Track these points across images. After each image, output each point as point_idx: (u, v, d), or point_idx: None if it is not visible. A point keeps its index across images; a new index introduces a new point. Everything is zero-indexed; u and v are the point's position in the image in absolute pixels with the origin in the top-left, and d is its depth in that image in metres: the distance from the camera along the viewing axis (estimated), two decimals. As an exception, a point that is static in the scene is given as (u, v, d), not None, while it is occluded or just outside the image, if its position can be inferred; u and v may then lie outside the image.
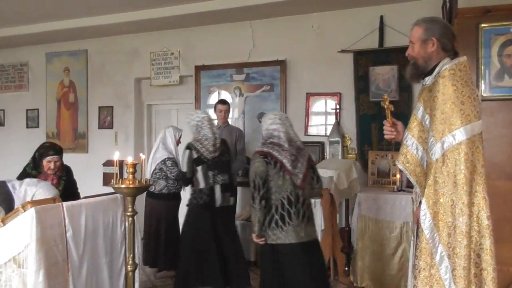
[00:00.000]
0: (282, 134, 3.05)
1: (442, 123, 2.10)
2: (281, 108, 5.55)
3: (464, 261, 2.06)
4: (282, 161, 2.97)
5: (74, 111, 6.89)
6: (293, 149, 3.05)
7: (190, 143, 4.03)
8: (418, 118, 2.28)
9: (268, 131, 3.12)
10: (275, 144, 3.05)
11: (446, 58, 2.26)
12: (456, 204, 2.08)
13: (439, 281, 2.09)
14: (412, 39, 2.33)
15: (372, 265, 4.30)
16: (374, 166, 4.96)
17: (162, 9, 5.51)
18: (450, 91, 2.13)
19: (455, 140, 2.08)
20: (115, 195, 3.27)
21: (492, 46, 3.30)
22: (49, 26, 6.15)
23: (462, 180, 2.07)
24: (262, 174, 2.96)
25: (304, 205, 3.04)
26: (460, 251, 2.06)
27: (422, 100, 2.29)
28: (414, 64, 2.35)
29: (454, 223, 2.08)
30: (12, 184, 2.99)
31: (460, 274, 2.06)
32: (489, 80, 3.34)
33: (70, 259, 2.81)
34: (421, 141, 2.24)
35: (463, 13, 3.41)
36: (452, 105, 2.11)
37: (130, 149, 6.28)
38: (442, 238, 2.09)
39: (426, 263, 2.12)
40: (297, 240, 2.95)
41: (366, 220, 4.34)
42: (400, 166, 2.28)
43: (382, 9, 5.06)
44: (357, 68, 5.19)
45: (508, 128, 3.39)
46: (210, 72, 5.96)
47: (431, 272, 2.11)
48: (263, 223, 2.99)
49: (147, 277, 4.77)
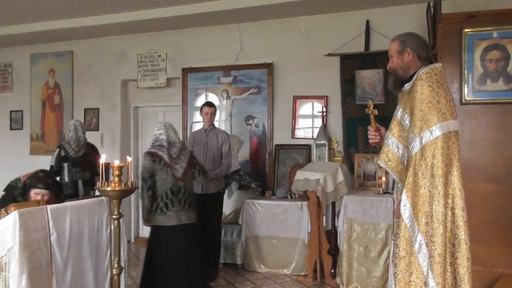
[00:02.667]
0: (165, 138, 3.77)
1: (420, 120, 2.26)
2: (268, 110, 5.57)
3: (440, 248, 2.20)
4: (165, 159, 3.63)
5: (59, 113, 6.81)
6: (175, 149, 3.75)
7: (61, 143, 4.84)
8: (398, 119, 2.42)
9: (155, 136, 3.83)
10: (161, 146, 3.72)
11: (423, 67, 2.42)
12: (433, 194, 2.23)
13: (417, 268, 2.23)
14: (391, 53, 2.52)
15: (358, 267, 4.33)
16: (360, 169, 5.00)
17: (149, 11, 5.49)
18: (427, 91, 2.29)
19: (432, 135, 2.23)
20: (100, 198, 3.24)
21: (475, 50, 3.37)
22: (34, 26, 6.07)
23: (439, 172, 2.21)
24: (149, 169, 3.62)
25: (185, 194, 3.69)
26: (437, 239, 2.21)
27: (402, 102, 2.44)
28: (395, 75, 2.53)
29: (431, 212, 2.23)
30: None
31: (437, 261, 2.20)
32: (472, 84, 3.41)
33: (54, 262, 2.77)
34: (401, 140, 2.38)
35: (447, 18, 3.47)
36: (429, 104, 2.27)
37: (116, 152, 6.23)
38: (420, 227, 2.23)
39: (406, 251, 2.25)
40: (178, 223, 3.60)
41: (352, 223, 4.38)
42: (382, 164, 2.42)
43: (368, 13, 5.11)
44: (343, 71, 5.23)
45: (490, 131, 3.46)
46: (197, 75, 5.95)
47: (411, 260, 2.25)
48: (150, 209, 3.64)
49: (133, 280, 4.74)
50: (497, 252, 3.33)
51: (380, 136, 2.59)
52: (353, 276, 4.35)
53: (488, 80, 3.37)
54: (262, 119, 5.62)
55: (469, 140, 3.48)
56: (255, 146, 5.65)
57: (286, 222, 4.80)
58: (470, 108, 3.41)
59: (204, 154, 4.64)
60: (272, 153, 5.54)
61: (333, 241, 4.66)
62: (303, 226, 4.72)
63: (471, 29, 3.35)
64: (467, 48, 3.37)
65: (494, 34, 3.32)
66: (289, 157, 5.47)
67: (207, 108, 4.81)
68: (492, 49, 3.33)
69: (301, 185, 4.46)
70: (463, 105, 3.45)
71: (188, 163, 3.76)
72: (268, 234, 4.87)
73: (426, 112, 2.25)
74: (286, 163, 5.46)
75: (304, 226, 4.70)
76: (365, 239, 4.32)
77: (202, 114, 4.84)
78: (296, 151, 5.46)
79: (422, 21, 4.41)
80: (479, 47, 3.36)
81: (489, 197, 3.44)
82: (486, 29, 3.34)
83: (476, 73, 3.38)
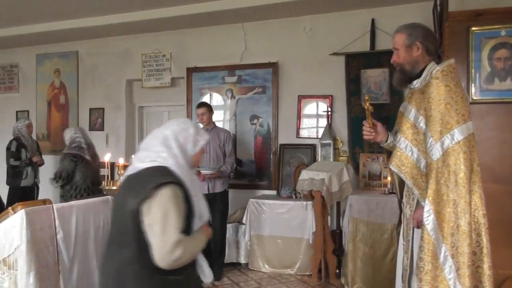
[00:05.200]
0: (83, 140, 4.44)
1: (440, 123, 2.14)
2: (273, 110, 5.56)
3: (467, 260, 2.08)
4: (85, 157, 4.30)
5: (64, 113, 6.83)
6: (92, 150, 4.48)
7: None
8: (411, 121, 2.30)
9: (71, 138, 4.47)
10: (80, 148, 4.38)
11: (432, 62, 2.31)
12: (458, 203, 2.10)
13: (443, 281, 2.10)
14: (396, 46, 2.36)
15: (363, 268, 4.31)
16: (365, 169, 4.98)
17: (154, 11, 5.49)
18: (444, 92, 2.17)
19: (454, 140, 2.12)
20: (106, 197, 3.25)
21: (482, 49, 3.33)
22: (40, 27, 6.09)
23: (463, 179, 2.10)
24: (68, 170, 4.30)
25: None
26: (464, 249, 2.09)
27: (414, 102, 2.32)
28: (401, 70, 2.38)
29: (457, 222, 2.10)
30: None
31: (465, 273, 2.08)
32: (479, 83, 3.37)
33: (60, 261, 2.78)
34: (415, 143, 2.25)
35: (454, 17, 3.44)
36: (447, 105, 2.15)
37: (121, 151, 6.23)
38: (445, 238, 2.11)
39: (432, 264, 2.12)
40: None
41: (357, 223, 4.36)
42: (395, 169, 2.30)
43: (373, 12, 5.09)
44: (348, 71, 5.21)
45: (497, 130, 3.42)
46: (202, 74, 5.95)
47: (436, 273, 2.11)
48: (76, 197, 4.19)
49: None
50: (503, 253, 3.30)
51: (376, 132, 2.49)
52: (358, 277, 4.32)
53: (496, 79, 3.33)
54: (266, 119, 5.61)
55: (476, 140, 3.45)
56: (260, 145, 5.64)
57: (291, 222, 4.78)
58: (477, 107, 3.37)
59: (207, 154, 4.64)
60: (277, 153, 5.53)
61: (338, 241, 4.65)
62: (308, 226, 4.70)
63: (479, 27, 3.31)
64: (474, 47, 3.32)
65: (502, 32, 3.28)
66: (294, 156, 5.45)
67: (197, 109, 4.81)
68: (500, 48, 3.29)
69: (306, 184, 4.45)
70: (470, 105, 3.39)
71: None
72: (273, 234, 4.85)
73: (445, 114, 2.14)
74: (291, 163, 5.44)
75: (309, 226, 4.69)
76: (370, 239, 4.30)
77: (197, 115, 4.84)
78: (301, 150, 5.44)
79: (428, 20, 4.37)
80: (486, 45, 3.31)
81: (495, 198, 3.41)
82: (494, 27, 3.30)
83: (483, 72, 3.34)
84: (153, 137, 1.93)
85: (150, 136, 1.95)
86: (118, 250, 1.80)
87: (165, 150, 1.85)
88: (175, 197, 1.75)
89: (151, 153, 1.86)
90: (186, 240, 1.75)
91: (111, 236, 1.90)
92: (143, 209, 1.72)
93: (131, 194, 1.77)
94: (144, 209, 1.72)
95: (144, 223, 1.73)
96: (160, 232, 1.70)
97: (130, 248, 1.75)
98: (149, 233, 1.72)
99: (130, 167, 1.92)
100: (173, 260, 1.70)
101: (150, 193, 1.71)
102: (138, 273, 1.75)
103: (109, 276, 1.82)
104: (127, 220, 1.75)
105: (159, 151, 1.85)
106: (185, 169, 1.86)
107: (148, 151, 1.89)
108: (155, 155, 1.84)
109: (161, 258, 1.70)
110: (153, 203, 1.72)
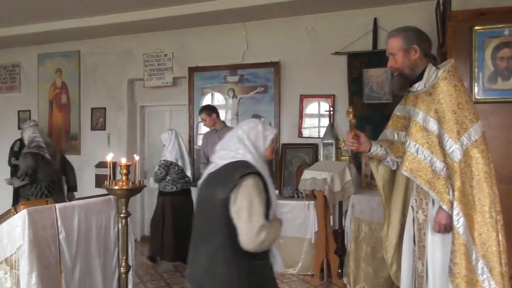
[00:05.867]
0: (42, 140, 4.55)
1: (455, 123, 2.13)
2: (275, 109, 5.55)
3: (497, 258, 2.10)
4: (46, 156, 4.44)
5: (66, 112, 6.83)
6: (51, 149, 4.59)
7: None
8: (420, 123, 2.27)
9: (30, 138, 4.57)
10: (39, 147, 4.47)
11: (429, 63, 2.30)
12: (484, 202, 2.11)
13: (477, 283, 2.10)
14: (392, 50, 2.34)
15: (365, 267, 4.29)
16: (367, 168, 4.96)
17: (155, 10, 5.48)
18: (454, 92, 2.17)
19: (471, 139, 2.12)
20: (108, 197, 3.24)
21: (485, 48, 3.32)
22: (41, 27, 6.09)
23: (484, 176, 2.11)
24: (33, 167, 4.37)
25: (60, 183, 4.69)
26: (494, 248, 2.10)
27: (422, 105, 2.29)
28: (401, 75, 2.35)
29: (485, 221, 2.11)
30: None
31: (498, 271, 2.09)
32: (483, 83, 3.36)
33: (63, 261, 2.78)
34: (427, 146, 2.23)
35: (456, 16, 3.43)
36: (460, 105, 2.15)
37: (123, 151, 6.23)
38: (474, 239, 2.10)
39: (467, 268, 2.10)
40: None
41: (360, 222, 4.34)
42: (408, 174, 2.28)
43: (376, 11, 5.08)
44: (351, 70, 5.20)
45: (501, 130, 3.41)
46: (203, 74, 5.94)
47: (471, 277, 2.10)
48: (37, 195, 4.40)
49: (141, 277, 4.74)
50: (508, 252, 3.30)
51: (358, 142, 2.47)
52: (360, 276, 4.31)
53: (499, 78, 3.32)
54: (268, 118, 5.60)
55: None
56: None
57: (293, 222, 4.77)
58: (480, 107, 3.35)
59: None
60: (279, 152, 5.52)
61: (340, 241, 4.64)
62: (310, 226, 4.69)
63: (482, 26, 3.30)
64: (477, 46, 3.31)
65: (505, 31, 3.27)
66: (296, 156, 5.45)
67: (200, 115, 4.81)
68: (504, 47, 3.28)
69: (308, 184, 4.44)
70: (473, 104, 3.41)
71: (61, 160, 4.70)
72: (275, 234, 4.84)
73: (459, 114, 2.13)
74: (293, 162, 5.44)
75: (311, 226, 4.68)
76: (373, 239, 4.28)
77: None
78: (303, 150, 5.44)
79: (431, 19, 4.38)
80: (490, 45, 3.30)
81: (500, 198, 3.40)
82: (497, 27, 3.28)
83: (486, 72, 3.33)
84: (229, 138, 2.15)
85: (226, 139, 2.18)
86: (208, 240, 1.98)
87: (241, 147, 2.06)
88: (258, 186, 1.95)
89: (231, 152, 2.06)
90: (268, 226, 1.93)
91: (198, 230, 2.06)
92: (231, 197, 1.91)
93: (220, 186, 1.95)
94: (232, 197, 1.91)
95: (232, 210, 1.92)
96: (247, 217, 1.88)
97: (220, 235, 1.93)
98: (237, 219, 1.90)
99: (210, 166, 2.12)
100: (259, 243, 1.88)
101: (237, 182, 1.91)
102: (229, 259, 1.92)
103: (201, 266, 1.98)
104: (217, 209, 1.94)
105: (237, 148, 2.06)
106: (260, 163, 2.05)
107: (227, 150, 2.09)
108: (234, 153, 2.05)
109: (249, 241, 1.88)
110: (240, 191, 1.91)
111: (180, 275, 4.82)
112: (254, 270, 1.97)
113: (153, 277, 4.81)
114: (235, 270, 1.92)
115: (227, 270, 1.92)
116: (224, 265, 1.92)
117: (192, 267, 2.07)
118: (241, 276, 1.93)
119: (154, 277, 4.82)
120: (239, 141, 2.08)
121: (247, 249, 1.90)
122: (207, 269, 1.94)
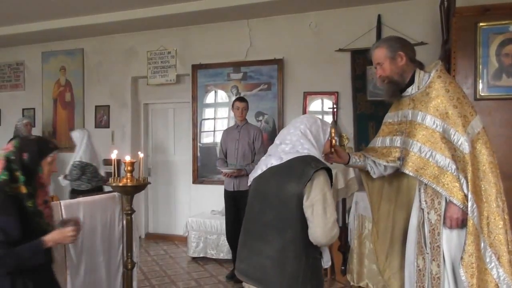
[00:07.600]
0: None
1: (459, 116, 2.17)
2: (279, 107, 5.55)
3: (505, 246, 2.13)
4: None
5: (70, 110, 6.86)
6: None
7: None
8: (420, 123, 2.30)
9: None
10: None
11: (417, 68, 2.35)
12: (490, 192, 2.15)
13: (485, 271, 2.13)
14: (379, 60, 2.39)
15: (369, 264, 4.29)
16: (371, 165, 4.96)
17: (159, 8, 5.49)
18: (452, 87, 2.23)
19: (475, 130, 2.18)
20: (112, 194, 3.26)
21: (490, 45, 3.30)
22: (45, 25, 6.11)
23: (489, 167, 2.15)
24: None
25: None
26: (501, 237, 2.13)
27: (420, 106, 2.32)
28: (391, 82, 2.38)
29: (492, 210, 2.15)
30: None
31: (506, 259, 2.12)
32: (487, 80, 3.34)
33: (68, 257, 2.80)
34: (429, 144, 2.25)
35: (461, 12, 3.41)
36: (459, 100, 2.21)
37: (126, 149, 6.25)
38: (483, 228, 2.14)
39: (477, 257, 2.11)
40: None
41: (363, 219, 4.34)
42: (412, 173, 2.31)
43: (379, 8, 5.07)
44: (354, 67, 5.19)
45: (505, 127, 3.39)
46: (207, 71, 5.95)
47: (480, 265, 2.12)
48: None
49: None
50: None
51: (338, 156, 2.52)
52: (363, 273, 4.31)
53: (504, 75, 3.30)
54: (272, 115, 5.60)
55: (484, 135, 3.43)
56: (265, 142, 5.62)
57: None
58: (485, 104, 3.35)
59: (236, 150, 4.60)
60: (283, 150, 5.51)
61: (343, 238, 4.64)
62: (314, 223, 4.69)
63: (487, 22, 3.28)
64: (482, 43, 3.29)
65: (510, 27, 3.24)
66: (300, 153, 5.43)
67: (238, 102, 4.72)
68: (508, 43, 3.25)
69: (312, 181, 4.43)
70: (478, 101, 3.38)
71: None
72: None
73: (460, 108, 2.18)
74: (297, 160, 5.42)
75: (315, 223, 4.67)
76: (377, 236, 4.28)
77: (234, 109, 4.76)
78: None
79: (435, 15, 4.36)
80: (494, 41, 3.28)
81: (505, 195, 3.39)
82: (502, 23, 3.26)
83: (491, 68, 3.31)
84: (289, 134, 2.11)
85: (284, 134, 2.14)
86: (278, 233, 1.96)
87: (305, 142, 2.06)
88: (328, 181, 1.98)
89: (296, 146, 2.06)
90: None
91: (265, 223, 2.02)
92: (305, 191, 1.92)
93: (291, 180, 1.95)
94: (306, 191, 1.92)
95: (305, 204, 1.93)
96: (322, 211, 1.90)
97: (293, 229, 1.94)
98: (311, 213, 1.91)
99: (271, 160, 2.08)
100: (332, 236, 1.91)
101: (312, 176, 1.92)
102: (298, 253, 1.94)
103: (269, 258, 1.97)
104: (288, 203, 1.94)
105: (302, 143, 2.06)
106: (320, 157, 2.09)
107: (290, 144, 2.07)
108: (300, 147, 2.05)
109: (324, 234, 1.90)
110: (313, 185, 1.93)
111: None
112: (316, 264, 2.01)
113: (158, 274, 4.83)
114: (303, 264, 1.94)
115: (295, 263, 1.93)
116: (293, 258, 1.93)
117: (252, 260, 2.04)
118: (310, 269, 1.96)
119: (158, 273, 4.84)
120: (303, 136, 2.07)
121: (320, 242, 1.92)
122: (278, 261, 1.94)
